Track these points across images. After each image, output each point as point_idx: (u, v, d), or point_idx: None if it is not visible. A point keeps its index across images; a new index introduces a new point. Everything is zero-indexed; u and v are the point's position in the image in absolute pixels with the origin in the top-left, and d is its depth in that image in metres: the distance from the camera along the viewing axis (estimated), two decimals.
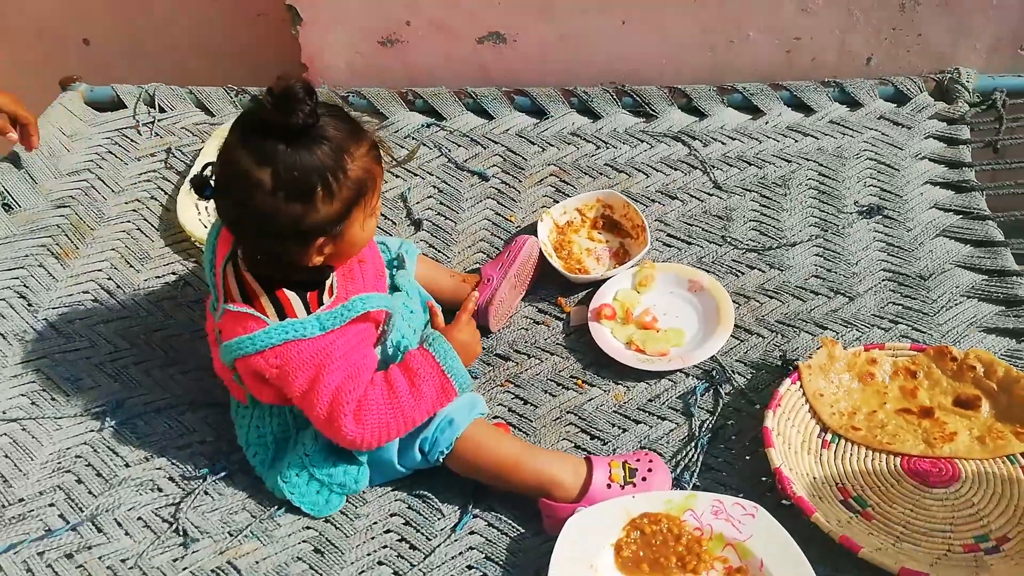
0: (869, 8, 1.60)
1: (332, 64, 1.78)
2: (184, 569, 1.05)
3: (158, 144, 1.65)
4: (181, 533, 1.09)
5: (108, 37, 1.95)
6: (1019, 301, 1.27)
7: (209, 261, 1.08)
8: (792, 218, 1.45)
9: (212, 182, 0.98)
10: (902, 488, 1.05)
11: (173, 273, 1.43)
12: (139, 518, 1.11)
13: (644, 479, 1.05)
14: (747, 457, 1.12)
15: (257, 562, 1.06)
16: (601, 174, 1.55)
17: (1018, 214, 1.40)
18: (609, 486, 1.04)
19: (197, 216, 1.47)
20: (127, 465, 1.17)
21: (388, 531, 1.09)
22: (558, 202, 1.47)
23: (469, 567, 1.05)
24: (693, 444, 1.14)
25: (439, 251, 1.45)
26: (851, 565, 0.98)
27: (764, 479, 1.08)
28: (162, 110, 1.71)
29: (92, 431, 1.20)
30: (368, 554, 1.07)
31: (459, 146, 1.63)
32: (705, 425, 1.17)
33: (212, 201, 0.99)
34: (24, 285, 1.39)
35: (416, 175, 1.58)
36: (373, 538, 1.08)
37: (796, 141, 1.57)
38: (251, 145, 0.93)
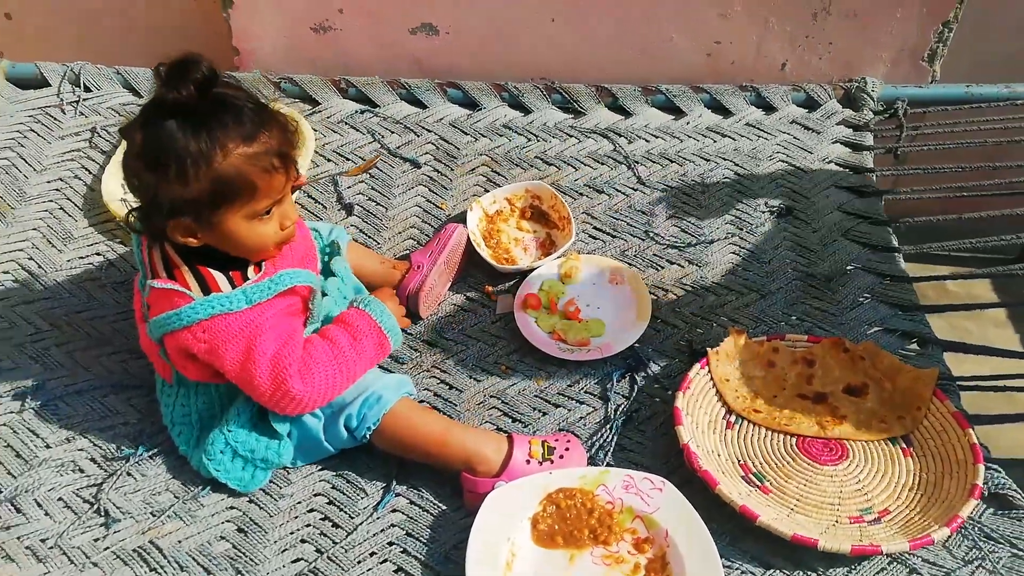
0: (783, 16, 1.68)
1: (263, 49, 1.77)
2: (105, 549, 1.06)
3: (83, 124, 1.63)
4: (103, 513, 1.09)
5: (31, 12, 1.90)
6: (912, 306, 1.36)
7: (136, 238, 1.08)
8: (710, 215, 1.52)
9: None
10: (797, 465, 1.13)
11: (97, 254, 1.42)
12: (60, 499, 1.11)
13: (561, 457, 1.11)
14: (659, 438, 1.19)
15: (180, 541, 1.07)
16: (531, 166, 1.60)
17: (911, 220, 1.49)
18: (528, 462, 1.09)
19: (123, 196, 1.45)
20: (48, 446, 1.16)
21: (311, 510, 1.11)
22: (488, 191, 1.51)
23: (390, 543, 1.08)
24: (608, 426, 1.20)
25: (369, 236, 1.47)
26: (749, 534, 1.05)
27: (673, 458, 1.15)
28: (87, 89, 1.68)
29: (11, 412, 1.19)
30: (291, 532, 1.09)
31: (392, 132, 1.65)
32: (620, 409, 1.22)
33: None
34: None
35: (348, 159, 1.60)
36: (296, 517, 1.11)
37: (715, 141, 1.65)
38: (148, 109, 0.95)
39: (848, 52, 1.72)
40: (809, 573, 1.04)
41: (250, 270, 1.04)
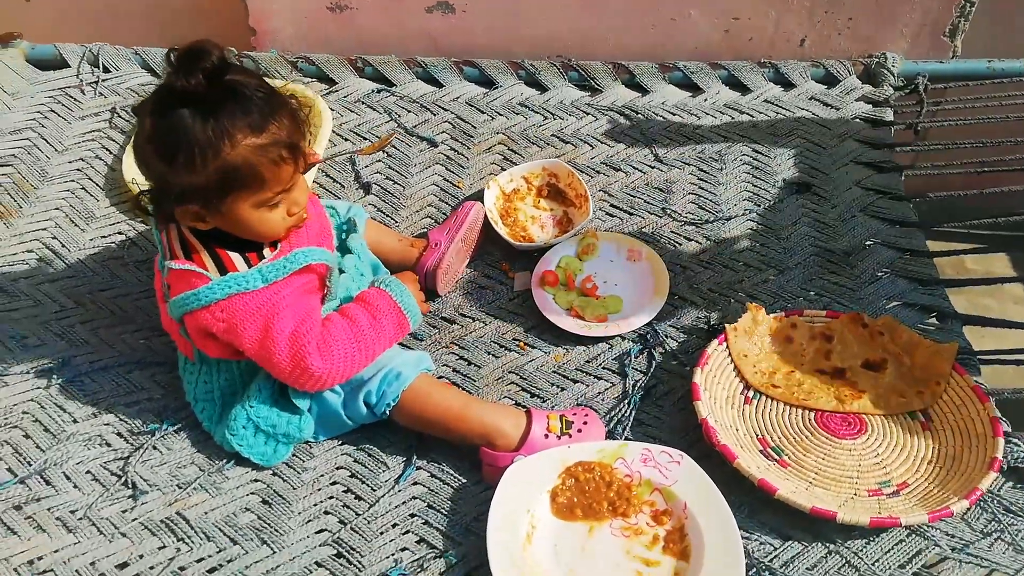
0: None
1: (280, 29, 1.78)
2: (134, 520, 1.08)
3: (102, 104, 1.64)
4: (130, 486, 1.11)
5: None
6: (931, 280, 1.35)
7: (155, 219, 1.10)
8: (728, 192, 1.52)
9: None
10: (815, 439, 1.14)
11: (119, 233, 1.44)
12: (88, 472, 1.13)
13: (580, 431, 1.12)
14: (676, 413, 1.19)
15: (206, 512, 1.09)
16: (548, 144, 1.60)
17: (932, 195, 1.49)
18: (547, 436, 1.10)
19: (133, 178, 1.46)
20: (75, 421, 1.18)
21: (334, 483, 1.13)
22: (505, 170, 1.51)
23: (412, 515, 1.10)
24: (626, 401, 1.21)
25: (387, 215, 1.48)
26: (767, 507, 1.06)
27: (690, 432, 1.16)
28: (106, 70, 1.69)
29: (39, 388, 1.21)
30: (315, 504, 1.11)
31: (408, 112, 1.65)
32: (638, 384, 1.23)
33: None
34: None
35: (365, 139, 1.60)
36: (320, 489, 1.12)
37: (732, 118, 1.64)
38: (158, 95, 0.96)
39: (868, 27, 1.71)
40: (827, 545, 1.04)
41: (266, 250, 1.06)
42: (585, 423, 1.13)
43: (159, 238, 1.08)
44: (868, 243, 1.41)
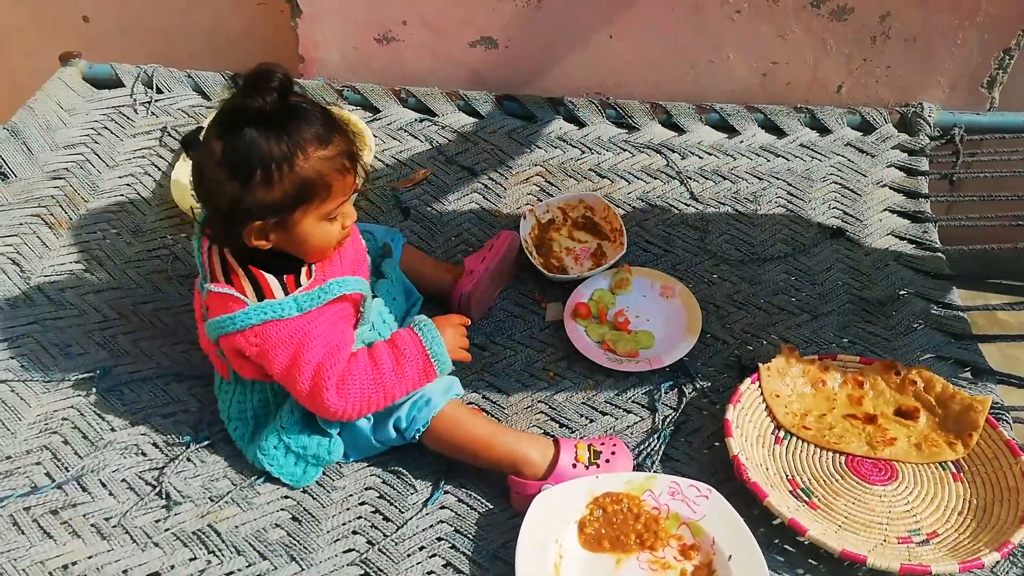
0: (842, 39, 1.70)
1: (328, 58, 1.83)
2: (166, 530, 1.10)
3: (154, 123, 1.69)
4: (164, 496, 1.13)
5: (107, 16, 1.98)
6: (965, 335, 1.35)
7: (197, 239, 1.13)
8: (763, 234, 1.53)
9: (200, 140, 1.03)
10: (845, 483, 1.13)
11: (164, 247, 1.47)
12: (123, 480, 1.15)
13: (607, 461, 1.12)
14: (705, 451, 1.19)
15: (237, 526, 1.11)
16: (585, 178, 1.62)
17: (965, 248, 1.49)
18: (575, 466, 1.11)
19: (191, 193, 1.50)
20: (112, 429, 1.20)
21: (363, 503, 1.14)
22: (541, 200, 1.53)
23: (439, 539, 1.10)
24: (656, 436, 1.21)
25: (424, 240, 1.50)
26: (795, 548, 1.06)
27: (719, 471, 1.16)
28: (159, 91, 1.75)
29: (79, 395, 1.24)
30: (343, 523, 1.12)
31: (449, 141, 1.69)
32: (668, 420, 1.24)
33: None
34: (17, 252, 1.43)
35: (405, 165, 1.64)
36: (348, 509, 1.13)
37: (768, 160, 1.66)
38: (223, 119, 0.98)
39: (906, 76, 1.72)
40: None
41: (302, 275, 1.07)
42: (613, 453, 1.13)
43: (200, 260, 1.11)
44: (902, 293, 1.41)
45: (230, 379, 1.16)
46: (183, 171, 1.54)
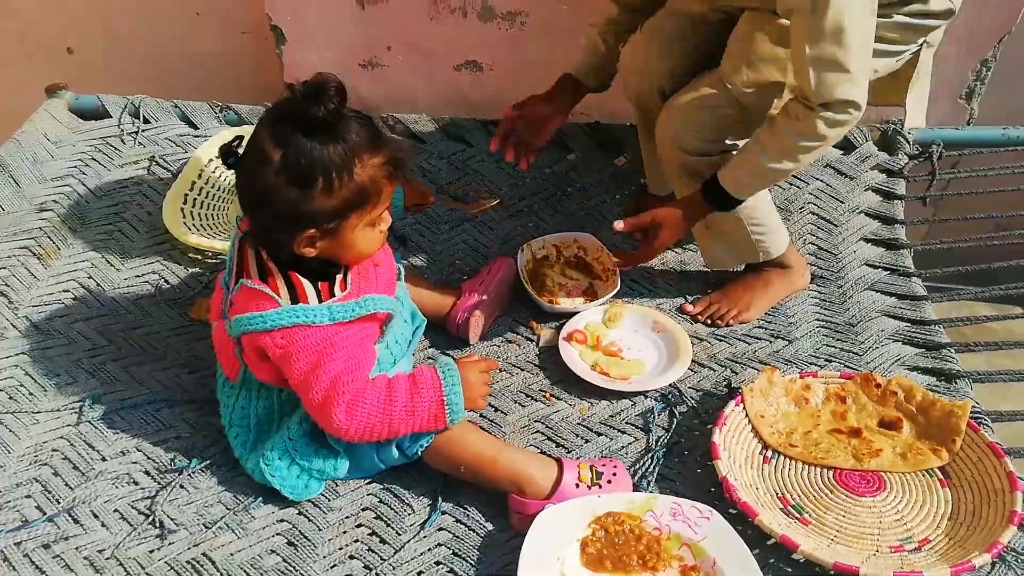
0: None
1: None
2: (160, 560, 1.08)
3: (141, 153, 1.69)
4: (157, 525, 1.12)
5: (91, 47, 1.99)
6: (938, 345, 1.37)
7: (234, 238, 1.12)
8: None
9: (238, 153, 1.02)
10: (835, 497, 1.14)
11: (153, 272, 1.47)
12: (115, 510, 1.13)
13: (609, 481, 1.12)
14: (698, 470, 1.20)
15: (232, 554, 1.09)
16: (574, 216, 1.62)
17: (940, 270, 1.51)
18: (577, 486, 1.11)
19: (182, 220, 1.51)
20: (103, 459, 1.19)
21: (359, 525, 1.13)
22: (536, 237, 1.53)
23: (437, 563, 1.09)
24: (650, 456, 1.22)
25: (417, 267, 1.51)
26: (790, 565, 1.06)
27: (713, 489, 1.16)
28: (146, 120, 1.75)
29: (69, 425, 1.23)
30: (340, 548, 1.11)
31: (439, 170, 1.70)
32: (661, 440, 1.24)
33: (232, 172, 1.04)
34: (5, 284, 1.42)
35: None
36: (345, 532, 1.12)
37: None
38: (275, 127, 0.98)
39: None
40: None
41: (336, 286, 1.07)
42: (615, 474, 1.13)
43: (231, 254, 1.10)
44: (874, 314, 1.43)
45: (236, 383, 1.14)
46: (175, 195, 1.54)
